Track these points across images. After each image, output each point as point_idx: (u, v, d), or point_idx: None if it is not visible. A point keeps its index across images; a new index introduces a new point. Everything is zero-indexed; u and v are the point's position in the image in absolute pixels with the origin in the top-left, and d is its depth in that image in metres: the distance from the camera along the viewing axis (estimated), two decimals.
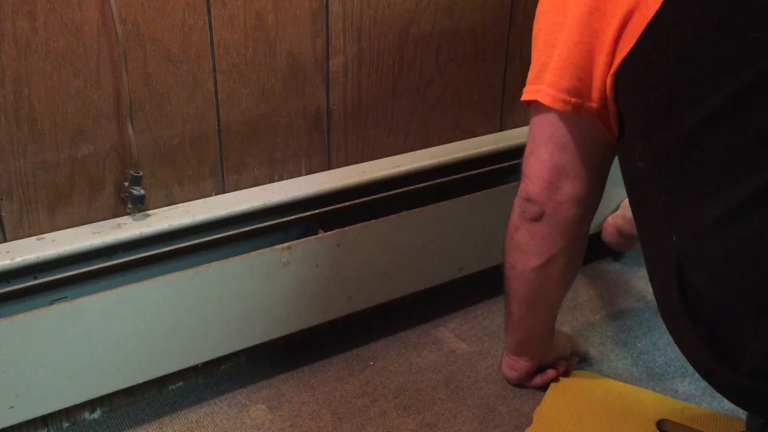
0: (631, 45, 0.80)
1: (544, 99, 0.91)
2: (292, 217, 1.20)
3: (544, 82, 0.91)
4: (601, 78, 0.86)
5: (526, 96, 0.95)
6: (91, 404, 1.19)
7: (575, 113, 0.90)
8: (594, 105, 0.88)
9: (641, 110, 0.82)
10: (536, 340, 1.18)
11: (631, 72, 0.82)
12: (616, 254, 1.64)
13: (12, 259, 0.98)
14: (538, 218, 1.00)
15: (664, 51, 0.77)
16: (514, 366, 1.22)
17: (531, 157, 0.98)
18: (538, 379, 1.22)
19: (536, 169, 0.97)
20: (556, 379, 1.23)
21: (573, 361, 1.26)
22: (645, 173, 0.83)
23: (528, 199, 1.00)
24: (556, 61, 0.89)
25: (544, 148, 0.96)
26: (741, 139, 0.73)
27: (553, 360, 1.23)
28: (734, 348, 0.75)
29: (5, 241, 1.02)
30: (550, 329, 1.19)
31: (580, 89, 0.88)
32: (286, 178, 1.24)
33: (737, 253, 0.73)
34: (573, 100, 0.89)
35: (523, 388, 1.24)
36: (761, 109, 0.71)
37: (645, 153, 0.83)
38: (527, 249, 1.03)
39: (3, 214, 1.01)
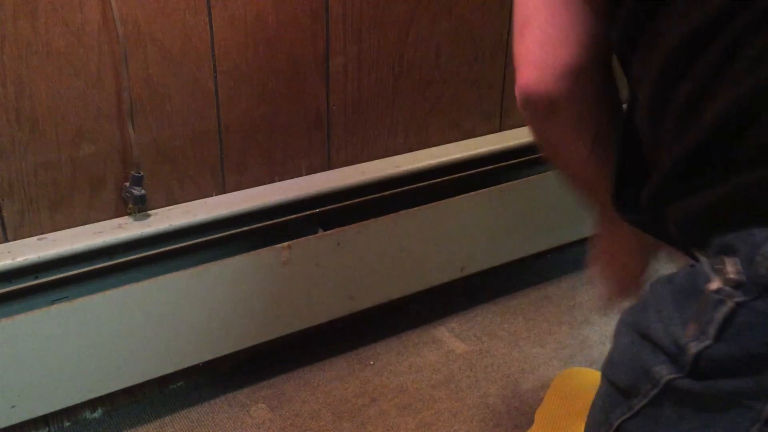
0: None
1: None
2: (292, 217, 1.20)
3: None
4: None
5: None
6: (92, 404, 1.19)
7: None
8: None
9: None
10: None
11: None
12: None
13: (13, 259, 0.99)
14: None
15: None
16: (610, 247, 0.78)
17: None
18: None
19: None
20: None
21: None
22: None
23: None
24: None
25: None
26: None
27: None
28: None
29: (6, 240, 1.03)
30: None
31: None
32: (286, 178, 1.24)
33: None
34: None
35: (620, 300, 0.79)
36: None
37: None
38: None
39: (4, 214, 1.02)
